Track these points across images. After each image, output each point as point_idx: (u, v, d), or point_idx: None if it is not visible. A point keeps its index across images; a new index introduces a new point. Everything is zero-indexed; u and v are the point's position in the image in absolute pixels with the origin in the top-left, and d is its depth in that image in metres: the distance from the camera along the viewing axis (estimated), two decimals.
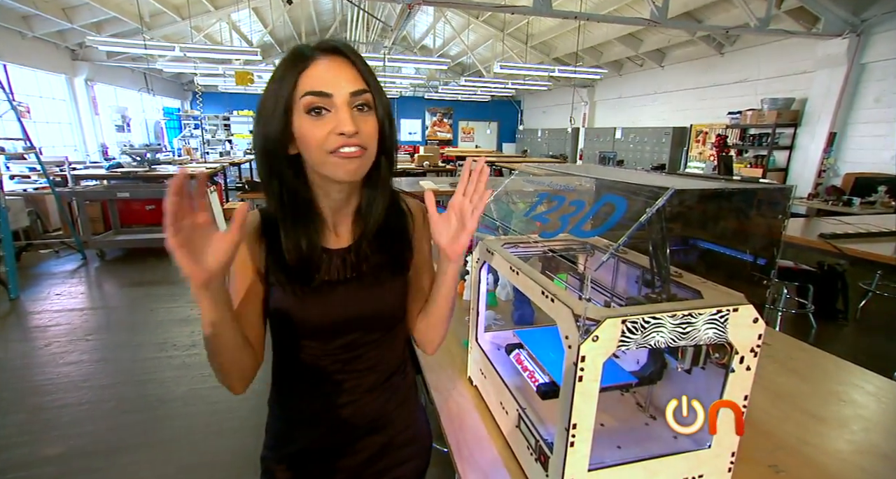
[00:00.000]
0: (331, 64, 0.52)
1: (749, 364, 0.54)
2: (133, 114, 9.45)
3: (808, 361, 1.04)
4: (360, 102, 0.53)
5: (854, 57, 5.01)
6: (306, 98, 0.51)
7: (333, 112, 0.52)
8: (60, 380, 2.20)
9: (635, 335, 0.49)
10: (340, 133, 0.51)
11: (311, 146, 0.53)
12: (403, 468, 0.70)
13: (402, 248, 0.67)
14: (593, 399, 0.49)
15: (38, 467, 1.63)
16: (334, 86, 0.51)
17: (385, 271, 0.64)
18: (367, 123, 0.54)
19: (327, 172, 0.54)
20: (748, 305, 0.52)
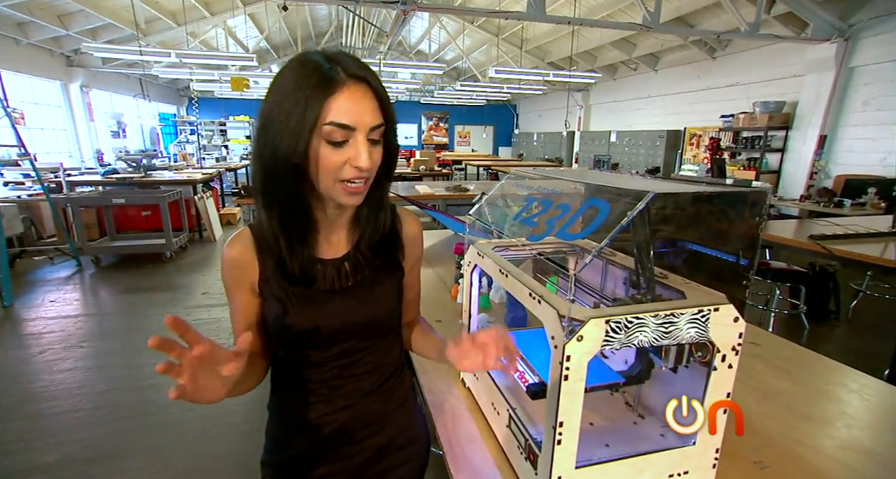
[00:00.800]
0: (357, 94, 0.52)
1: (731, 362, 0.56)
2: (129, 120, 9.45)
3: (797, 360, 1.06)
4: (375, 136, 0.55)
5: (842, 61, 5.10)
6: (329, 127, 0.51)
7: (352, 143, 0.53)
8: (55, 387, 2.19)
9: (619, 335, 0.50)
10: (356, 166, 0.53)
11: (323, 171, 0.54)
12: (403, 469, 0.71)
13: (396, 255, 0.68)
14: (579, 398, 0.51)
15: (34, 474, 1.62)
16: (358, 119, 0.52)
17: (378, 279, 0.65)
18: (376, 153, 0.56)
19: (332, 196, 0.56)
20: (728, 304, 0.54)
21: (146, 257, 4.26)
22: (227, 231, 5.60)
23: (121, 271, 4.02)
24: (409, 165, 6.74)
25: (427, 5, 4.08)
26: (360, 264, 0.64)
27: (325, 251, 0.64)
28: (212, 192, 5.55)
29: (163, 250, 4.19)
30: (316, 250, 0.63)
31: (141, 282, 3.72)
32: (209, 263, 4.31)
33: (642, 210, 0.48)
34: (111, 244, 4.22)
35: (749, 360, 1.05)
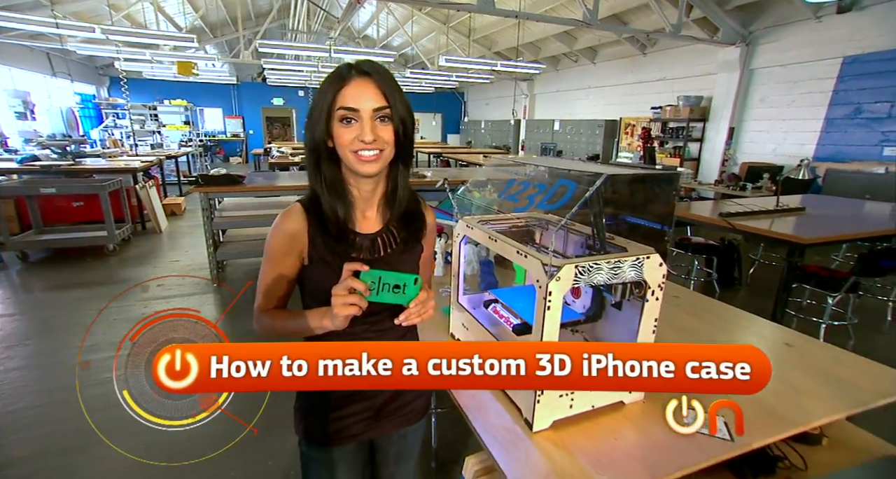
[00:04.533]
0: (361, 85, 0.69)
1: (658, 296, 0.78)
2: (37, 100, 8.36)
3: (706, 307, 1.36)
4: (381, 115, 0.69)
5: (744, 63, 5.84)
6: (340, 111, 0.68)
7: (359, 122, 0.69)
8: (4, 387, 2.08)
9: (584, 276, 0.71)
10: (361, 140, 0.68)
11: (341, 146, 0.70)
12: (414, 405, 0.86)
13: (418, 233, 0.82)
14: (557, 323, 0.71)
15: (8, 468, 1.59)
16: (361, 103, 0.68)
17: (405, 250, 0.79)
18: (385, 131, 0.70)
19: (351, 167, 0.71)
20: (656, 254, 0.76)
21: (84, 251, 3.96)
22: (173, 222, 5.29)
23: (55, 266, 3.71)
24: None
25: None
26: (390, 238, 0.78)
27: (362, 226, 0.78)
28: (153, 180, 5.20)
29: (105, 242, 3.92)
30: (354, 225, 0.77)
31: (83, 276, 3.48)
32: (158, 255, 4.10)
33: (598, 187, 0.68)
34: (40, 238, 3.87)
35: (672, 309, 1.33)
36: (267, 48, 6.17)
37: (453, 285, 1.06)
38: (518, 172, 0.95)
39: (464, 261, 1.06)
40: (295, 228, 0.73)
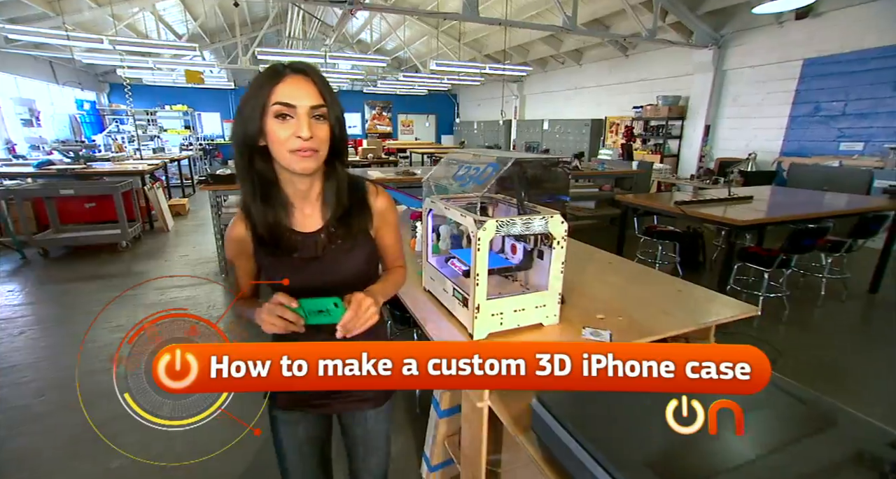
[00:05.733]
0: (298, 82, 0.68)
1: (562, 245, 1.11)
2: (41, 107, 8.64)
3: (629, 269, 1.69)
4: (317, 113, 0.69)
5: (717, 64, 6.21)
6: (276, 106, 0.67)
7: (296, 119, 0.68)
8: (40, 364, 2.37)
9: (503, 228, 1.03)
10: (298, 136, 0.67)
11: (276, 143, 0.69)
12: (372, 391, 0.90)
13: (365, 227, 0.82)
14: (485, 262, 1.04)
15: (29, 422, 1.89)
16: (298, 99, 0.67)
17: (347, 247, 0.80)
18: (320, 129, 0.70)
19: (287, 165, 0.70)
20: (558, 214, 1.09)
21: (99, 248, 4.26)
22: (178, 222, 5.60)
23: (74, 262, 4.02)
24: (357, 153, 7.05)
25: (370, 5, 4.43)
26: (331, 236, 0.79)
27: (302, 225, 0.79)
28: (159, 182, 5.51)
29: (118, 239, 4.23)
30: (293, 224, 0.78)
31: (101, 270, 3.79)
32: (168, 250, 4.41)
33: (509, 167, 1.01)
34: (59, 236, 4.17)
35: (604, 268, 1.66)
36: (265, 55, 6.49)
37: (423, 248, 1.39)
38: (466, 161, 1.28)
39: (432, 231, 1.39)
40: (239, 234, 0.78)
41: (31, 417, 1.89)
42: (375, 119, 15.02)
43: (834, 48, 5.04)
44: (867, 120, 4.91)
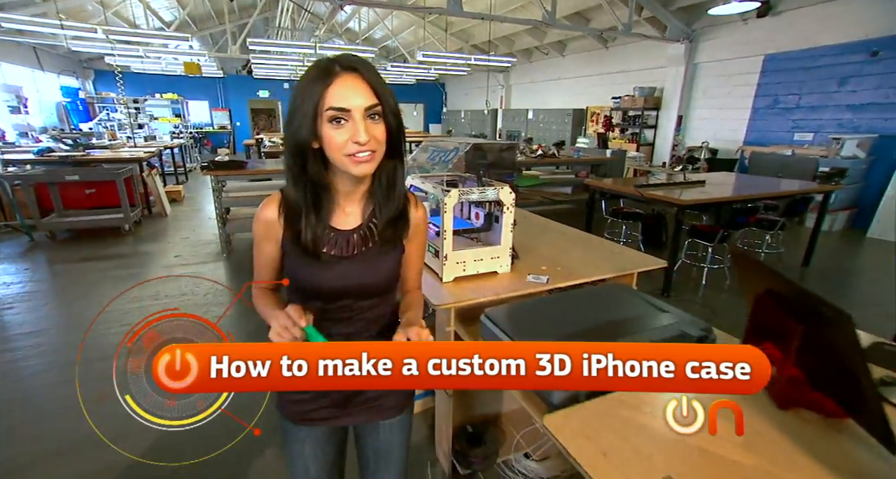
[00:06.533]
0: (350, 82, 0.65)
1: (511, 210, 1.46)
2: (28, 94, 8.64)
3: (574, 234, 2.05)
4: (372, 113, 0.66)
5: (689, 58, 6.57)
6: (329, 112, 0.65)
7: (351, 122, 0.65)
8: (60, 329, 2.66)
9: (463, 196, 1.38)
10: (356, 142, 0.65)
11: (332, 149, 0.67)
12: (384, 400, 0.87)
13: (401, 233, 0.80)
14: (451, 222, 1.38)
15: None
16: (352, 102, 0.64)
17: (382, 251, 0.78)
18: (377, 129, 0.67)
19: (344, 169, 0.68)
20: (507, 186, 1.43)
21: (103, 232, 4.50)
22: (175, 207, 5.82)
23: (81, 244, 4.25)
24: None
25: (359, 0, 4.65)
26: (368, 236, 0.76)
27: (340, 221, 0.77)
28: (154, 169, 5.70)
29: (121, 223, 4.47)
30: (332, 220, 0.76)
31: (107, 251, 4.05)
32: (169, 233, 4.66)
33: (467, 150, 1.35)
34: (63, 220, 4.39)
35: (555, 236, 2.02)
36: (255, 46, 6.65)
37: None
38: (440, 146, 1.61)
39: None
40: (271, 217, 0.75)
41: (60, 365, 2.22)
42: None
43: (791, 45, 5.44)
44: (817, 112, 5.35)
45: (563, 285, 1.46)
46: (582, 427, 0.75)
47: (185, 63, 6.65)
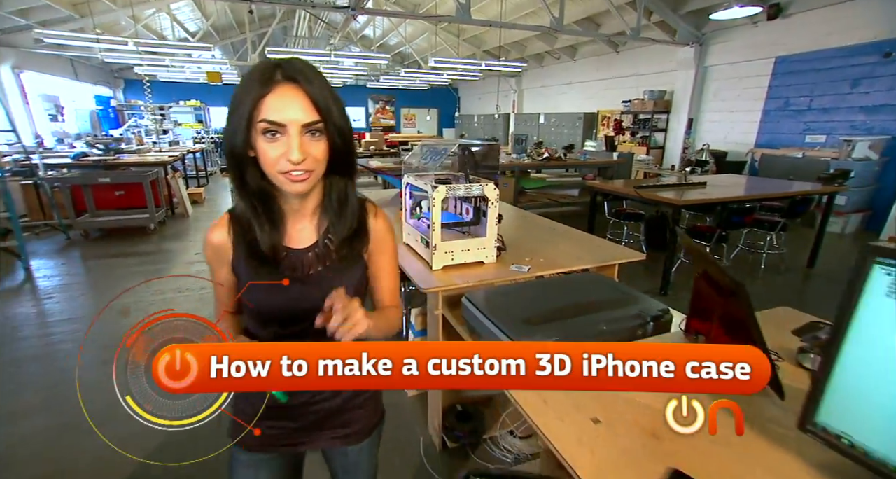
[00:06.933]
0: (289, 94, 0.59)
1: (495, 205, 1.59)
2: (64, 103, 9.20)
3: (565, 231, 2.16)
4: (312, 129, 0.61)
5: (699, 61, 6.58)
6: (262, 124, 0.59)
7: (286, 137, 0.60)
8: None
9: (451, 192, 1.52)
10: (289, 159, 0.60)
11: (265, 163, 0.62)
12: (350, 428, 0.82)
13: (360, 248, 0.75)
14: (439, 215, 1.52)
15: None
16: (288, 116, 0.59)
17: (340, 269, 0.72)
18: (316, 147, 0.62)
19: (278, 185, 0.64)
20: (492, 183, 1.57)
21: (131, 231, 4.80)
22: (196, 209, 6.13)
23: (112, 242, 4.56)
24: (360, 146, 7.54)
25: (371, 9, 4.87)
26: (323, 255, 0.71)
27: (293, 240, 0.71)
28: (178, 172, 6.03)
29: (146, 223, 4.76)
30: (283, 238, 0.70)
31: (136, 248, 4.33)
32: (190, 233, 4.94)
33: (455, 150, 1.49)
34: (95, 220, 4.71)
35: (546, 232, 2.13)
36: (273, 54, 6.96)
37: (404, 212, 1.88)
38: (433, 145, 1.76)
39: (409, 198, 1.87)
40: (219, 239, 0.71)
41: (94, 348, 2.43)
42: (379, 113, 15.46)
43: (802, 47, 5.42)
44: (829, 114, 5.30)
45: (542, 274, 1.58)
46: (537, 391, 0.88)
47: (207, 72, 7.01)
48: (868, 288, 0.53)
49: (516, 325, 1.13)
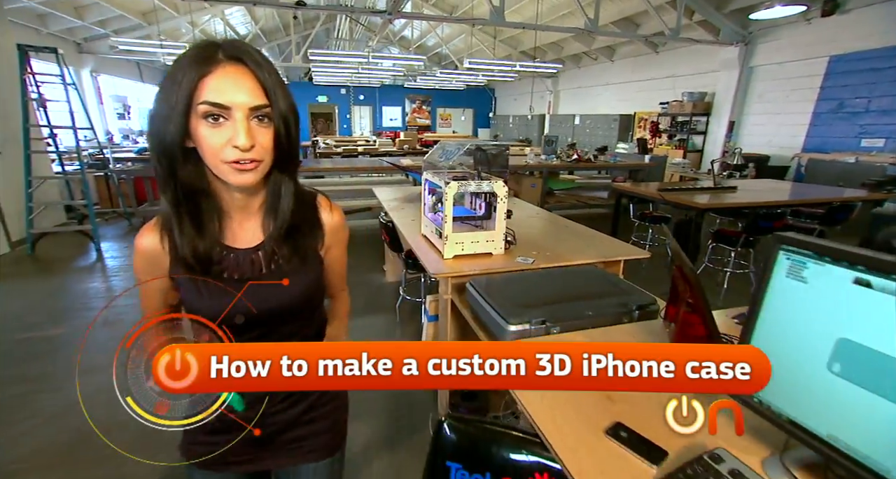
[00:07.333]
0: (232, 73, 0.54)
1: (504, 200, 1.71)
2: (131, 102, 10.14)
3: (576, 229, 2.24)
4: (259, 114, 0.56)
5: (744, 61, 6.32)
6: (203, 106, 0.53)
7: (231, 122, 0.54)
8: None
9: (462, 188, 1.66)
10: (235, 146, 0.54)
11: (206, 152, 0.56)
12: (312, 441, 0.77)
13: (313, 244, 0.70)
14: (451, 206, 1.66)
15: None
16: (233, 99, 0.53)
17: (292, 268, 0.67)
18: (264, 135, 0.57)
19: (222, 175, 0.58)
20: (500, 180, 1.69)
21: None
22: None
23: None
24: (394, 144, 7.80)
25: (407, 13, 5.08)
26: (272, 254, 0.66)
27: (238, 238, 0.66)
28: None
29: None
30: (227, 238, 0.65)
31: None
32: None
33: (469, 148, 1.63)
34: (154, 208, 5.22)
35: (560, 229, 2.22)
36: (316, 56, 7.35)
37: (422, 206, 2.04)
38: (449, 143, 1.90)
39: (429, 194, 2.02)
40: (151, 245, 0.64)
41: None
42: (415, 113, 15.78)
43: (859, 45, 5.10)
44: (890, 116, 4.96)
45: (546, 266, 1.69)
46: None
47: None
48: (775, 270, 0.62)
49: (509, 307, 1.26)
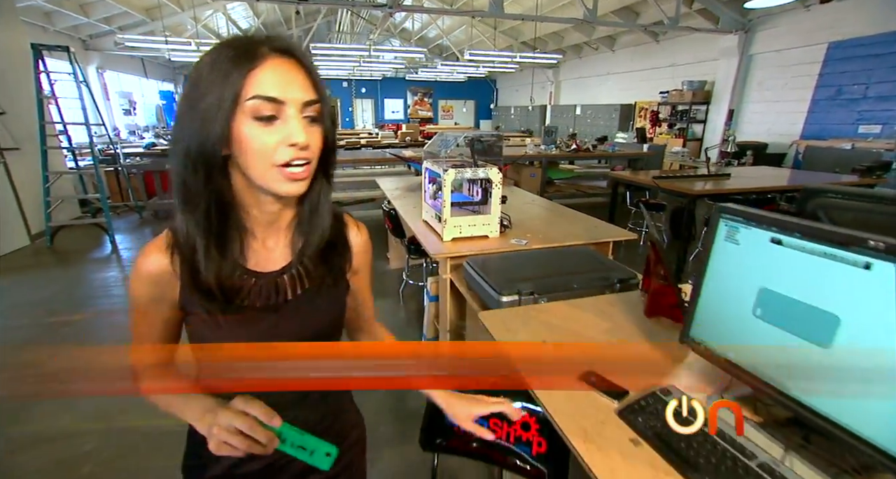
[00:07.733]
0: (284, 67, 0.48)
1: (498, 186, 1.82)
2: (136, 98, 10.25)
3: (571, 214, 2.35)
4: (309, 113, 0.50)
5: (743, 49, 6.33)
6: (253, 102, 0.47)
7: (283, 120, 0.48)
8: None
9: (460, 174, 1.77)
10: (292, 144, 0.48)
11: (254, 155, 0.49)
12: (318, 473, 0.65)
13: (342, 265, 0.65)
14: (448, 192, 1.78)
15: None
16: (288, 92, 0.48)
17: (321, 292, 0.61)
18: (315, 136, 0.51)
19: (267, 184, 0.50)
20: (495, 167, 1.81)
21: None
22: None
23: None
24: (397, 136, 7.89)
25: (407, 6, 5.14)
26: (300, 277, 0.60)
27: (262, 261, 0.58)
28: None
29: None
30: (249, 261, 0.57)
31: None
32: None
33: (466, 137, 1.74)
34: (163, 202, 5.37)
35: (556, 216, 2.33)
36: (318, 50, 7.42)
37: (422, 193, 2.15)
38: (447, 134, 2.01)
39: (429, 182, 2.14)
40: (159, 268, 0.54)
41: None
42: (417, 105, 15.80)
43: (858, 31, 5.11)
44: (887, 102, 4.99)
45: (539, 247, 1.81)
46: (503, 321, 1.13)
47: None
48: (716, 235, 0.74)
49: (501, 282, 1.38)
